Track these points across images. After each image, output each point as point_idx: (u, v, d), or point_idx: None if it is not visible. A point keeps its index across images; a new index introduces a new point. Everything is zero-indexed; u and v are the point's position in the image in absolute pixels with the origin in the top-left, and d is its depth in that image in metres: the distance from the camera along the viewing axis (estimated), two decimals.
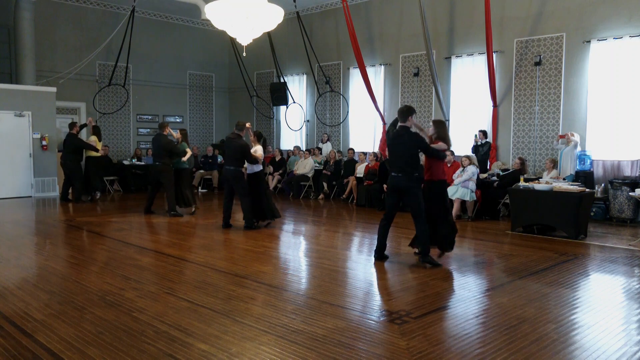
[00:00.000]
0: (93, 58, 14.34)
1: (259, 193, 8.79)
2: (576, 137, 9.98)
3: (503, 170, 10.61)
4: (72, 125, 12.18)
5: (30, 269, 6.15)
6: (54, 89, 13.34)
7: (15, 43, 13.12)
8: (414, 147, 6.24)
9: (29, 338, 3.92)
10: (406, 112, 6.30)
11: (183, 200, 10.37)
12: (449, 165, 10.24)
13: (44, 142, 13.03)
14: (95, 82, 15.01)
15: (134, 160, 14.99)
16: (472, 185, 9.76)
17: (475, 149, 11.45)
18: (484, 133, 11.47)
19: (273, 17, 8.58)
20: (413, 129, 6.35)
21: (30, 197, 12.90)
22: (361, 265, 6.63)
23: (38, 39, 13.48)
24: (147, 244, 7.66)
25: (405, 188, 6.26)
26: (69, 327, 4.14)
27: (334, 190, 13.24)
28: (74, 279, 5.62)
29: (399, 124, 6.37)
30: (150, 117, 16.43)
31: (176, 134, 10.52)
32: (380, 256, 6.54)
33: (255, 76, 16.83)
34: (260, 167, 8.92)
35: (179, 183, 10.31)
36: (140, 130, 16.29)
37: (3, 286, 5.29)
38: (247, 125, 9.06)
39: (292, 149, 15.15)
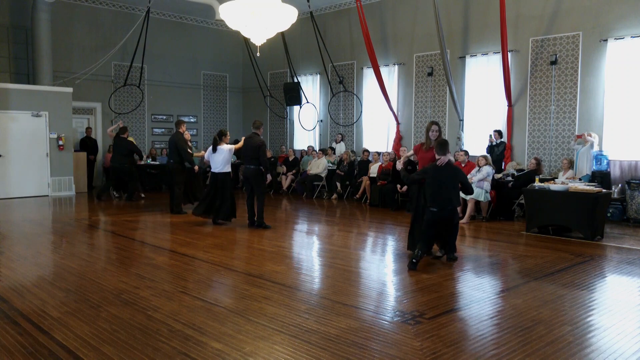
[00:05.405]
0: (109, 58, 14.49)
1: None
2: (593, 138, 9.85)
3: (518, 171, 10.52)
4: (124, 129, 12.38)
5: (47, 267, 6.23)
6: (70, 90, 13.51)
7: (33, 44, 13.31)
8: (457, 181, 6.34)
9: (45, 335, 3.97)
10: (446, 144, 6.33)
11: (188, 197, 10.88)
12: (463, 165, 10.18)
13: (60, 142, 13.21)
14: (111, 82, 15.16)
15: (148, 160, 15.10)
16: (487, 185, 9.69)
17: (491, 149, 11.36)
18: (499, 133, 11.37)
19: (287, 17, 8.58)
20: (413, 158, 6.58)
21: (47, 196, 13.07)
22: (374, 265, 6.62)
23: (55, 40, 13.65)
24: (162, 243, 7.72)
25: (449, 220, 6.29)
26: (85, 324, 4.19)
27: (347, 190, 13.23)
28: (89, 277, 5.68)
29: (437, 156, 6.33)
30: (164, 117, 16.57)
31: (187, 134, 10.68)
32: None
33: (268, 76, 16.88)
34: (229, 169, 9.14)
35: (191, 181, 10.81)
36: (155, 130, 16.43)
37: (20, 284, 5.37)
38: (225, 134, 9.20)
39: (305, 148, 15.17)
